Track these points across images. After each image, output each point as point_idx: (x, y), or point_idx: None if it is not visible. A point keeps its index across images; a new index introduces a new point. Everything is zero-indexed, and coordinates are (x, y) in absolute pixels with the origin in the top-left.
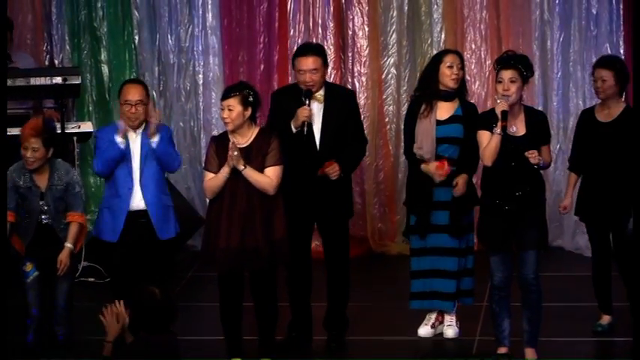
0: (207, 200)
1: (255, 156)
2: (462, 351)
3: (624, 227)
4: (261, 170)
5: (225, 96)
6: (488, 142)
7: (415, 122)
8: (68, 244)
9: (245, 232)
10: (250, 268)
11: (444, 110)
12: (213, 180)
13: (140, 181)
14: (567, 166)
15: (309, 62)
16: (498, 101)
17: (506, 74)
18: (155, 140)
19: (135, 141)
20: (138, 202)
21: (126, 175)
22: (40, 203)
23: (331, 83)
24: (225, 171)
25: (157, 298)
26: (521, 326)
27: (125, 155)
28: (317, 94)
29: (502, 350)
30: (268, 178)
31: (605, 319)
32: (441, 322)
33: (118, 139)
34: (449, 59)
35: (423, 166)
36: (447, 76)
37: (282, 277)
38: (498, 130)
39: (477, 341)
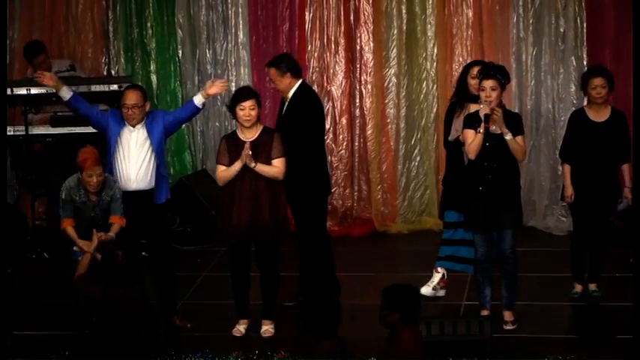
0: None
1: (262, 148)
2: (451, 312)
3: (609, 212)
4: (267, 159)
5: (248, 97)
6: (472, 139)
7: (451, 121)
8: (111, 234)
9: (253, 211)
10: (257, 240)
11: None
12: (226, 172)
13: (143, 160)
14: (560, 161)
15: (269, 72)
16: (482, 106)
17: (488, 83)
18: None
19: (132, 132)
20: (131, 184)
21: (120, 161)
22: (92, 215)
23: (305, 87)
24: (238, 166)
25: (119, 259)
26: (501, 293)
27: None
28: (288, 94)
29: (484, 312)
30: (277, 167)
31: (579, 287)
32: (443, 287)
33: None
34: (473, 71)
35: (461, 136)
36: (472, 85)
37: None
38: (482, 129)
39: (464, 305)
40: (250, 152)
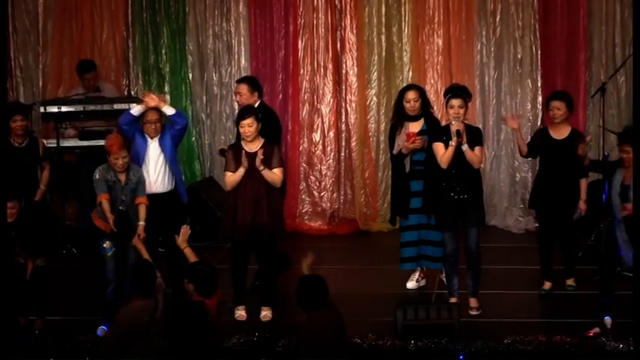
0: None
1: (264, 159)
2: (424, 300)
3: (570, 216)
4: (268, 168)
5: (245, 116)
6: (445, 151)
7: (394, 141)
8: (142, 222)
9: (254, 213)
10: (257, 239)
11: (413, 128)
12: (233, 177)
13: (160, 168)
14: (517, 170)
15: (240, 87)
16: (454, 122)
17: (456, 102)
18: (165, 107)
19: (151, 145)
20: (151, 187)
21: (142, 169)
22: (122, 195)
23: (264, 104)
24: (241, 171)
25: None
26: (467, 282)
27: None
28: None
29: (453, 300)
30: (277, 175)
31: (547, 284)
32: (423, 278)
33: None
34: (408, 95)
35: (403, 149)
36: (407, 108)
37: None
38: (454, 143)
39: (435, 294)
40: (263, 157)
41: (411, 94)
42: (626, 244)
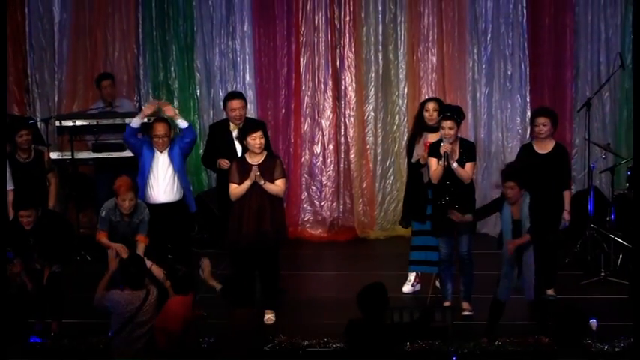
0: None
1: (266, 171)
2: (419, 303)
3: (555, 228)
4: (271, 180)
5: (256, 129)
6: (435, 169)
7: (413, 150)
8: (148, 262)
9: (258, 222)
10: (261, 246)
11: (432, 139)
12: (239, 189)
13: (169, 179)
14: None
15: (238, 102)
16: (442, 144)
17: (447, 124)
18: (180, 120)
19: (160, 157)
20: (160, 197)
21: (151, 180)
22: (123, 232)
23: (248, 118)
24: (247, 184)
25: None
26: (460, 287)
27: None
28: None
29: (446, 303)
30: (279, 187)
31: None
32: (419, 282)
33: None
34: (428, 105)
35: (421, 159)
36: (426, 117)
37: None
38: (442, 163)
39: (430, 298)
40: (258, 173)
41: (431, 105)
42: (506, 277)
